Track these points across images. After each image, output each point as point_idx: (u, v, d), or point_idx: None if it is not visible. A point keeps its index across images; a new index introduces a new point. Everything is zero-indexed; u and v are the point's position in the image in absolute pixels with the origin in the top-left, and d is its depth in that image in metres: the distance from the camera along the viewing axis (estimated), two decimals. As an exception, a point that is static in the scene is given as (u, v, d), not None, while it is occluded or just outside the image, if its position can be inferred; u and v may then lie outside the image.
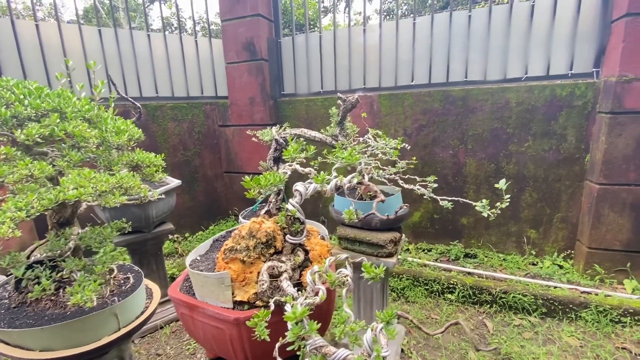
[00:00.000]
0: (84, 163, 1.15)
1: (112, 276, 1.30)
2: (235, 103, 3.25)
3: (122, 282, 1.32)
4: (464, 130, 2.70)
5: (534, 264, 2.66)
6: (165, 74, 3.19)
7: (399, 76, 2.93)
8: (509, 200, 1.43)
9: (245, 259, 0.81)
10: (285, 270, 0.81)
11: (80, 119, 0.95)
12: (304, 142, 2.45)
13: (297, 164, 1.05)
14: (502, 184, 1.46)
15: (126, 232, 2.13)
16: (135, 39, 2.98)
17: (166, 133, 3.11)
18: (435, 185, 1.66)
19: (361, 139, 1.92)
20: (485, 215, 1.51)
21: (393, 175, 1.80)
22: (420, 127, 2.82)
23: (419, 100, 2.79)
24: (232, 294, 0.81)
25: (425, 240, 3.01)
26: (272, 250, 0.90)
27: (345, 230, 1.83)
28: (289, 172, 1.02)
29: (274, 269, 0.81)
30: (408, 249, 3.01)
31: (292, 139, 2.26)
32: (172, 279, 2.75)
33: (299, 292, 0.70)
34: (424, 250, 2.97)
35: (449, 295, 2.43)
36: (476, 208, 1.51)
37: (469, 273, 2.60)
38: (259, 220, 0.96)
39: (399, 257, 2.89)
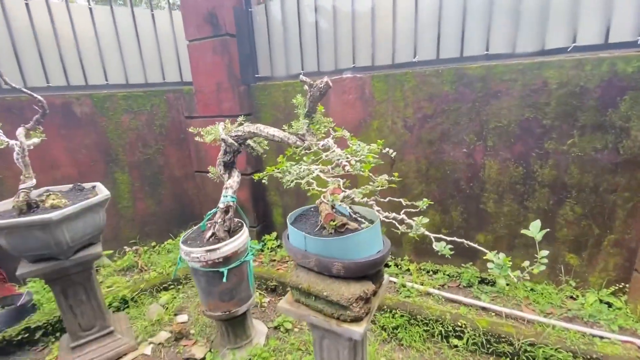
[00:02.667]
0: None
1: None
2: (200, 90, 2.70)
3: None
4: (483, 122, 2.04)
5: (573, 298, 2.03)
6: (116, 57, 2.68)
7: (398, 51, 2.27)
8: (546, 262, 0.84)
9: None
10: None
11: None
12: (265, 143, 1.90)
13: None
14: (534, 229, 0.87)
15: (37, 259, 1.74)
16: (74, 14, 2.46)
17: (119, 128, 2.64)
18: (427, 220, 1.07)
19: (321, 143, 1.34)
20: (505, 282, 0.92)
21: (365, 199, 1.22)
22: (425, 118, 2.18)
23: (424, 82, 2.13)
24: None
25: (430, 260, 2.42)
26: None
27: (299, 275, 1.28)
28: None
29: None
30: (408, 270, 2.43)
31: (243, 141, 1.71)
32: (123, 302, 2.34)
33: None
34: (428, 272, 2.39)
35: (456, 341, 1.86)
36: (489, 269, 0.92)
37: (483, 309, 2.01)
38: None
39: (394, 279, 2.31)
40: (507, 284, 2.19)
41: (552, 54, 1.89)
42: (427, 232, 1.15)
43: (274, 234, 2.95)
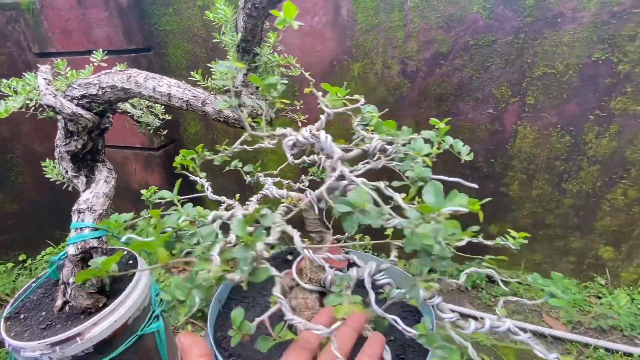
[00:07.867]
0: None
1: None
2: (49, 3, 1.52)
3: None
4: (527, 66, 1.32)
5: (598, 297, 1.63)
6: None
7: (396, -62, 1.34)
8: None
9: None
10: None
11: None
12: (160, 107, 0.97)
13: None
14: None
15: None
16: None
17: None
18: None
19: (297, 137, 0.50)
20: None
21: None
22: (437, 59, 1.39)
23: (438, -3, 1.29)
24: None
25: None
26: None
27: None
28: None
29: None
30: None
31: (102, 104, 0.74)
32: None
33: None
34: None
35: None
36: None
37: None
38: None
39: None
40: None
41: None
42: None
43: (211, 226, 2.12)
